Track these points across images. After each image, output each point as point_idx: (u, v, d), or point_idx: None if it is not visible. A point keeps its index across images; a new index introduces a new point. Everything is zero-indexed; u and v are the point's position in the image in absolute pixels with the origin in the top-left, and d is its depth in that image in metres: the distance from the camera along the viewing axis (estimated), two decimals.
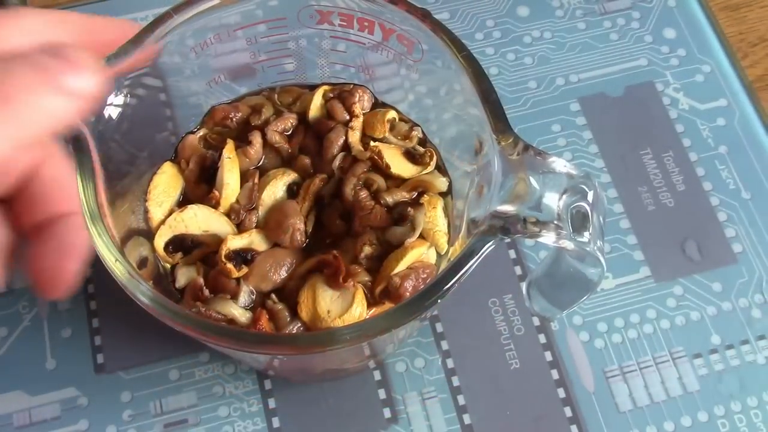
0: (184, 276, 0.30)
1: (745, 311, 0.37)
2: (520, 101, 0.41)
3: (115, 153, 0.27)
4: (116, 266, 0.24)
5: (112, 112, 0.27)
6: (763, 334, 0.37)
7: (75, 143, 0.25)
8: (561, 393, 0.35)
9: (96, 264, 0.25)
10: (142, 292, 0.24)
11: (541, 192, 0.24)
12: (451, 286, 0.24)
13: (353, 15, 0.30)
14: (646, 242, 0.38)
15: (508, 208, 0.24)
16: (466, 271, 0.24)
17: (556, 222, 0.24)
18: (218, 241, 0.29)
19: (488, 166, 0.26)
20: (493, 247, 0.24)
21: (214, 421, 0.35)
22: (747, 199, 0.40)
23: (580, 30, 0.44)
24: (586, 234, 0.24)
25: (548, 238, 0.24)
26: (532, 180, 0.25)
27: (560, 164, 0.25)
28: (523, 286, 0.36)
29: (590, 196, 0.25)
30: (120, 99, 0.27)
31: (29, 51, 0.22)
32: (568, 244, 0.24)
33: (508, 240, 0.25)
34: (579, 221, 0.24)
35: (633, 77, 0.42)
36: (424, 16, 0.28)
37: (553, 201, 0.24)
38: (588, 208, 0.25)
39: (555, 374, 0.36)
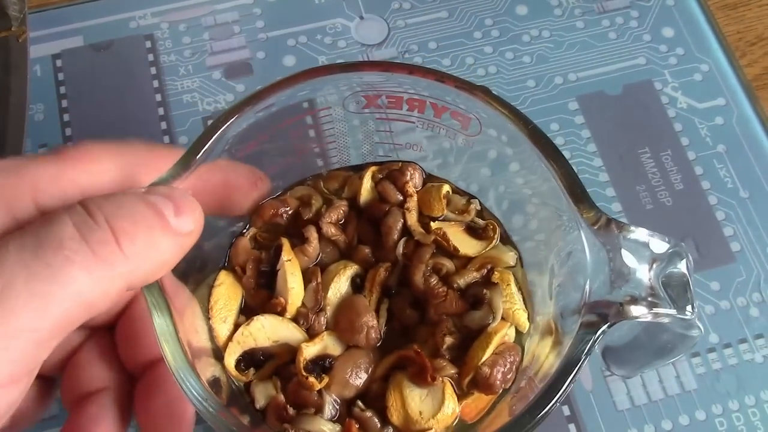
0: (262, 395, 0.28)
1: (743, 310, 0.37)
2: (518, 100, 0.41)
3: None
4: (202, 405, 0.23)
5: None
6: (760, 332, 0.37)
7: None
8: None
9: None
10: None
11: (632, 268, 0.24)
12: (567, 387, 0.23)
13: (402, 96, 0.29)
14: None
15: (605, 296, 0.24)
16: (576, 373, 0.23)
17: (650, 298, 0.23)
18: (289, 350, 0.28)
19: (570, 242, 0.25)
20: (600, 338, 0.24)
21: None
22: (745, 197, 0.40)
23: (578, 29, 0.44)
24: (689, 308, 0.24)
25: (645, 316, 0.24)
26: (622, 257, 0.24)
27: (643, 234, 0.24)
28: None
29: (683, 263, 0.24)
30: None
31: (109, 189, 0.22)
32: (666, 319, 0.24)
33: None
34: (673, 290, 0.24)
35: (631, 76, 0.42)
36: (474, 89, 0.27)
37: (644, 275, 0.24)
38: (686, 277, 0.24)
39: None
